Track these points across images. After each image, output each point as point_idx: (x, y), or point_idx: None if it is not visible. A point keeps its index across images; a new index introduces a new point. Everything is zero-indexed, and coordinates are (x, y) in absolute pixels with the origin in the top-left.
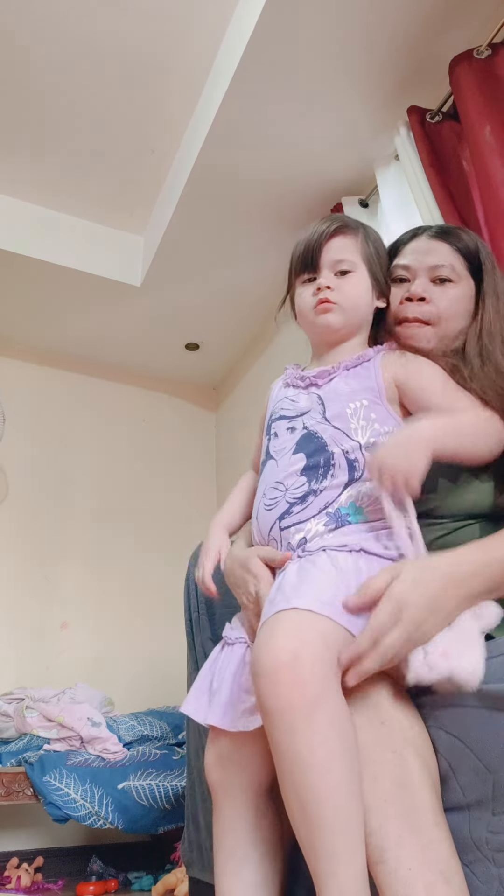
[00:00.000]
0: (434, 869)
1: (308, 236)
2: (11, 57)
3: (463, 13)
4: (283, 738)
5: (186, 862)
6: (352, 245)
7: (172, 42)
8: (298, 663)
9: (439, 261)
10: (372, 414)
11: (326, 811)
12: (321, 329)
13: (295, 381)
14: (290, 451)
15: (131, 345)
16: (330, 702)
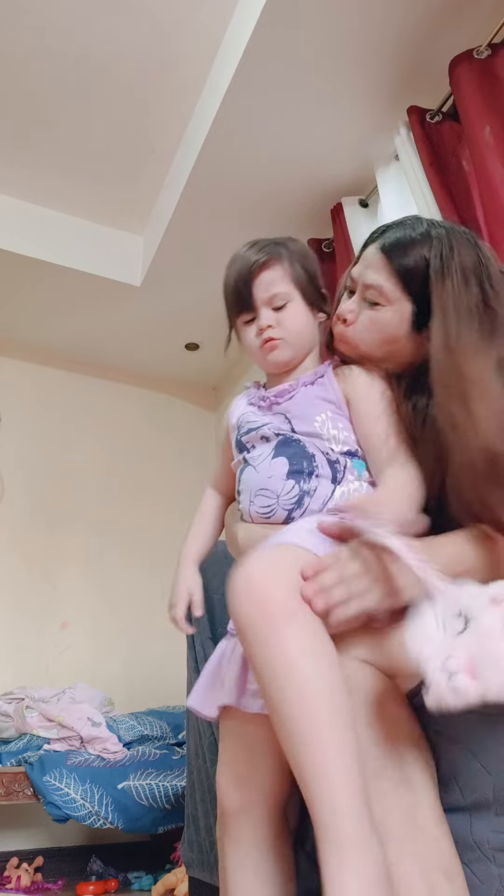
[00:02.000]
0: (436, 866)
1: (234, 277)
2: (11, 57)
3: (463, 13)
4: (256, 651)
5: (186, 862)
6: (279, 275)
7: (172, 42)
8: (265, 580)
9: (372, 280)
10: (339, 424)
11: (306, 716)
12: (272, 366)
13: (257, 402)
14: (269, 456)
15: (131, 345)
16: (297, 616)
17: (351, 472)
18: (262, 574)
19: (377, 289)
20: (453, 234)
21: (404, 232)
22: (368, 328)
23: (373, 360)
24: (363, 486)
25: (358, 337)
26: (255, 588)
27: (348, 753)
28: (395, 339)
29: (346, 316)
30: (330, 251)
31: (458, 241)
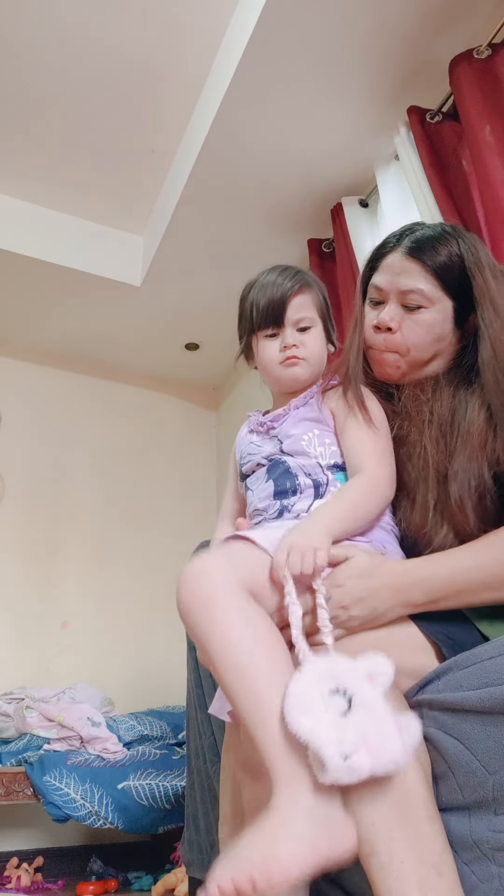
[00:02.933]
0: (427, 862)
1: (271, 292)
2: (12, 57)
3: (463, 13)
4: (195, 634)
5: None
6: (310, 302)
7: (172, 42)
8: (197, 576)
9: (410, 285)
10: (326, 440)
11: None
12: (289, 381)
13: (257, 428)
14: (262, 479)
15: (131, 345)
16: (222, 599)
17: (333, 485)
18: (197, 568)
19: (418, 293)
20: (466, 232)
21: (426, 233)
22: (417, 332)
23: (420, 365)
24: None
25: (410, 342)
26: (184, 583)
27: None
28: (443, 337)
29: (390, 324)
30: (330, 251)
31: (475, 239)
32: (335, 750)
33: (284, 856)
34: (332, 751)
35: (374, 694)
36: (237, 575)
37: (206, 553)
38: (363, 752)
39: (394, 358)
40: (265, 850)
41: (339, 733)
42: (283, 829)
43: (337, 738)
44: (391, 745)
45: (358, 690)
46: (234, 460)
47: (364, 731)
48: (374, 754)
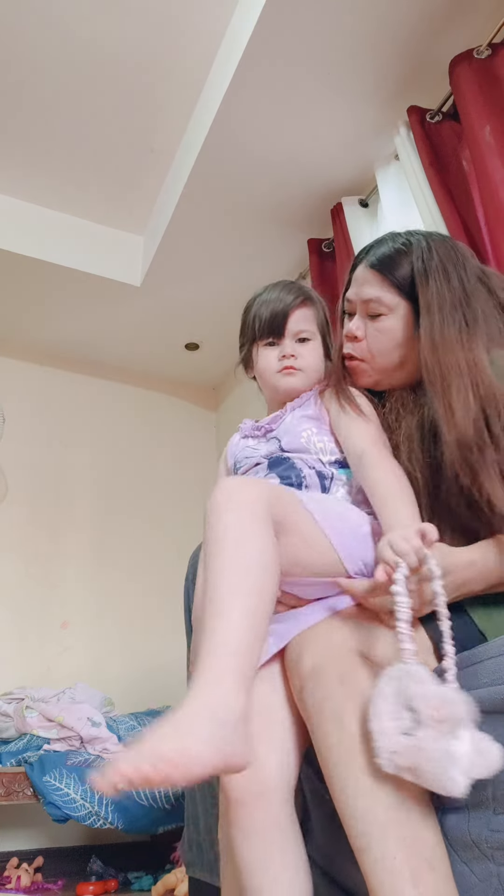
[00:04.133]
0: (420, 857)
1: (274, 305)
2: (11, 57)
3: (463, 13)
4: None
5: (186, 862)
6: (311, 316)
7: (172, 42)
8: (242, 486)
9: (370, 294)
10: (324, 437)
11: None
12: (285, 389)
13: (253, 433)
14: (262, 473)
15: (131, 345)
16: (245, 510)
17: (338, 480)
18: (225, 490)
19: (377, 300)
20: (430, 237)
21: (387, 246)
22: (379, 339)
23: (389, 372)
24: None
25: (373, 348)
26: (216, 494)
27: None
28: (404, 343)
29: (356, 333)
30: (330, 251)
31: (435, 242)
32: (387, 758)
33: (192, 752)
34: (385, 759)
35: (435, 735)
36: (270, 500)
37: (247, 479)
38: (409, 774)
39: (362, 366)
40: (175, 744)
41: (395, 747)
42: (194, 727)
43: (391, 749)
44: (442, 779)
45: (422, 720)
46: (225, 467)
47: (415, 761)
48: (422, 780)
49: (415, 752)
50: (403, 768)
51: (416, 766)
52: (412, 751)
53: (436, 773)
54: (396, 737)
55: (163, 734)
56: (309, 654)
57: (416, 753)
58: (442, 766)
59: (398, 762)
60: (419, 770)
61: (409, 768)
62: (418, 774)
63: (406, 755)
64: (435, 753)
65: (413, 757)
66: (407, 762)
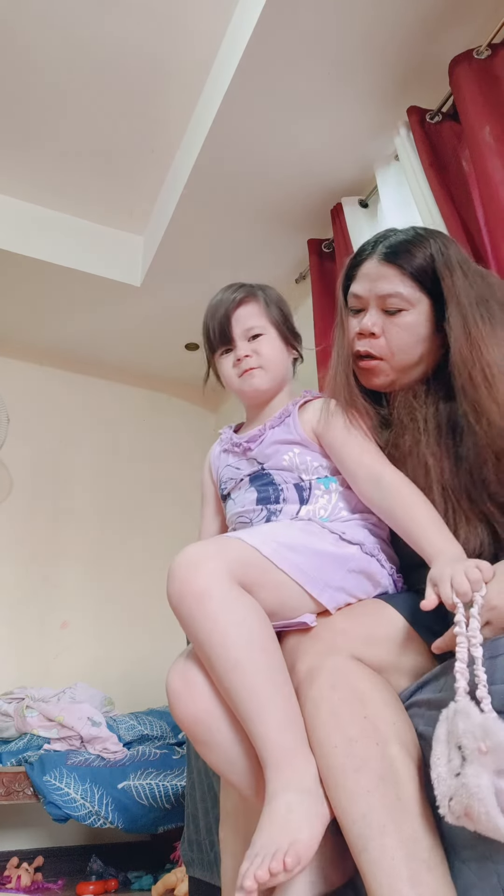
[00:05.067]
0: (417, 858)
1: (214, 312)
2: (11, 57)
3: (463, 13)
4: (187, 627)
5: (186, 861)
6: (256, 311)
7: (172, 42)
8: (190, 565)
9: (389, 289)
10: (307, 457)
11: (235, 678)
12: (250, 392)
13: (232, 448)
14: (245, 488)
15: (131, 345)
16: (217, 592)
17: (317, 489)
18: (188, 557)
19: (397, 296)
20: (437, 233)
21: (399, 238)
22: (400, 335)
23: (407, 369)
24: (331, 498)
25: (394, 345)
26: (180, 569)
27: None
28: (426, 338)
29: (373, 329)
30: (330, 251)
31: (446, 239)
32: (446, 805)
33: (304, 836)
34: (445, 806)
35: (477, 773)
36: (229, 566)
37: (197, 544)
38: (467, 819)
39: (381, 365)
40: (289, 837)
41: (451, 792)
42: (294, 813)
43: (448, 795)
44: (495, 821)
45: (469, 758)
46: (210, 480)
47: (467, 807)
48: (483, 828)
49: (463, 793)
50: (461, 815)
51: (468, 810)
52: (461, 791)
53: (486, 815)
54: (450, 780)
55: (272, 831)
56: (303, 661)
57: (464, 794)
58: (486, 806)
59: (454, 808)
60: (472, 813)
61: (466, 813)
62: (473, 819)
63: (459, 798)
64: (478, 791)
65: (464, 799)
66: (461, 806)
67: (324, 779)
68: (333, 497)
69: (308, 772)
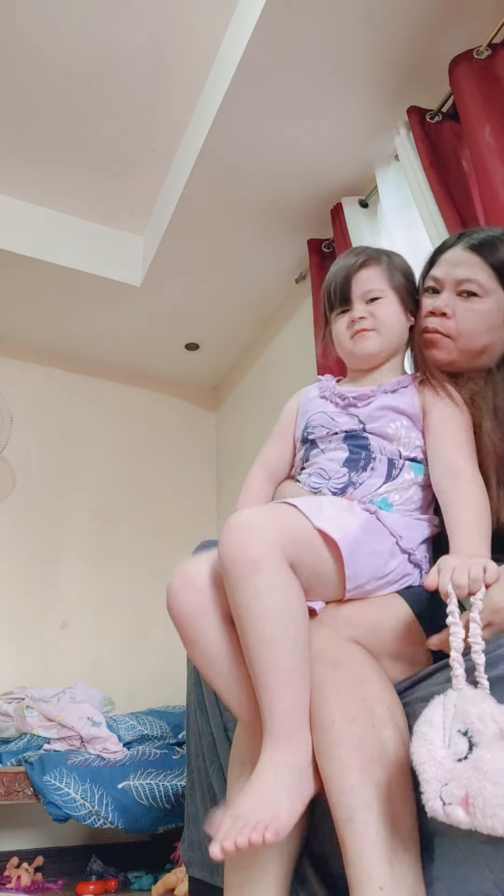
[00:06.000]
0: (398, 837)
1: (337, 271)
2: (11, 58)
3: (463, 13)
4: (231, 590)
5: (186, 861)
6: (378, 274)
7: (172, 42)
8: (247, 531)
9: (466, 275)
10: (412, 433)
11: (263, 652)
12: (361, 356)
13: (333, 398)
14: (336, 443)
15: (131, 345)
16: (268, 568)
17: (407, 472)
18: (248, 522)
19: (474, 281)
20: None
21: (486, 234)
22: (470, 318)
23: (470, 355)
24: (411, 488)
25: (462, 328)
26: (232, 535)
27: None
28: (495, 329)
29: (445, 310)
30: (330, 251)
31: None
32: (436, 792)
33: (284, 814)
34: (433, 792)
35: (496, 755)
36: (284, 543)
37: (262, 510)
38: (462, 808)
39: (446, 343)
40: (272, 812)
41: (447, 777)
42: (279, 789)
43: (443, 780)
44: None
45: (481, 743)
46: (292, 419)
47: (470, 788)
48: (475, 814)
49: (472, 777)
50: (455, 803)
51: (473, 793)
52: (469, 775)
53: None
54: (450, 763)
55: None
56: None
57: (474, 778)
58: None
59: (450, 793)
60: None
61: (464, 799)
62: (474, 806)
63: (461, 782)
64: (497, 774)
65: (471, 782)
66: (461, 790)
67: (318, 750)
68: (413, 488)
69: (303, 751)
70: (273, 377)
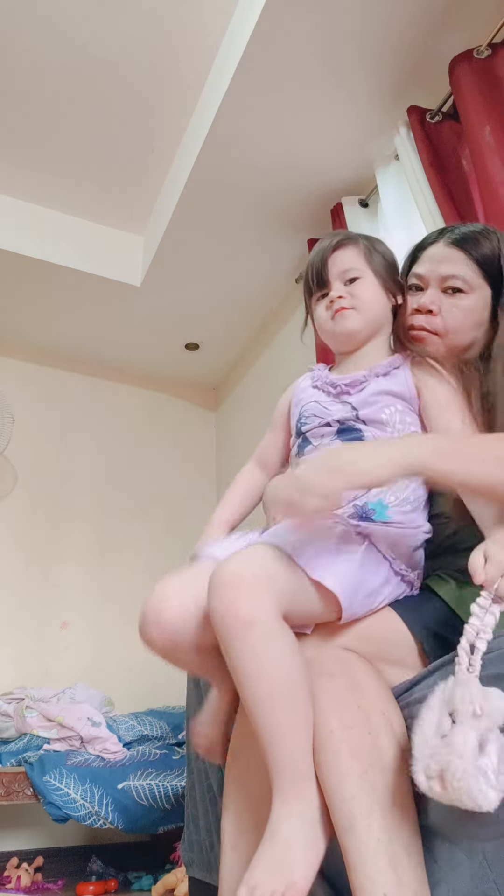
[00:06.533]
0: (399, 842)
1: (313, 256)
2: (12, 58)
3: (463, 13)
4: (224, 648)
5: (186, 862)
6: (354, 254)
7: (172, 42)
8: (237, 587)
9: (451, 271)
10: (407, 418)
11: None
12: (342, 335)
13: (325, 387)
14: (329, 437)
15: (131, 345)
16: (261, 625)
17: None
18: (237, 576)
19: (460, 277)
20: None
21: (469, 229)
22: (456, 315)
23: (456, 350)
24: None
25: (449, 324)
26: (222, 592)
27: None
28: (481, 324)
29: (431, 307)
30: None
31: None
32: (422, 766)
33: (299, 878)
34: (419, 766)
35: (465, 732)
36: (277, 597)
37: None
38: (440, 782)
39: (432, 340)
40: (286, 879)
41: (431, 753)
42: (292, 849)
43: (429, 753)
44: (471, 790)
45: (459, 722)
46: (287, 411)
47: (446, 766)
48: (451, 789)
49: (445, 752)
50: (434, 776)
51: (445, 767)
52: (443, 750)
53: (462, 772)
54: (434, 741)
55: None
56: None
57: (446, 752)
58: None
59: (430, 768)
60: (446, 771)
61: (440, 774)
62: (446, 781)
63: (439, 758)
64: (462, 748)
65: (444, 757)
66: (438, 765)
67: (317, 760)
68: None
69: (312, 800)
70: (273, 377)
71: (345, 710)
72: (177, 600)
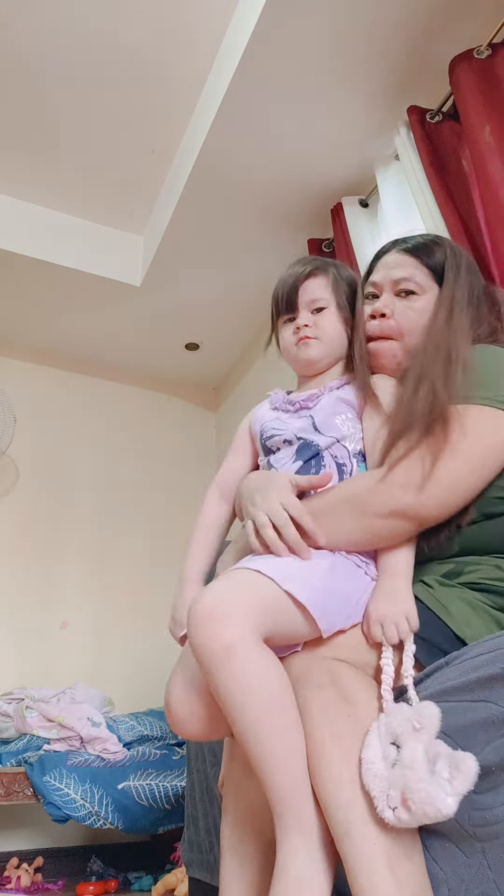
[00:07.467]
0: (398, 846)
1: (285, 279)
2: (12, 58)
3: (463, 13)
4: (208, 679)
5: (186, 862)
6: (323, 284)
7: (172, 42)
8: (215, 619)
9: (403, 274)
10: (356, 425)
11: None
12: (304, 361)
13: (284, 406)
14: (289, 458)
15: (131, 345)
16: (241, 652)
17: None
18: (214, 607)
19: (411, 279)
20: (453, 244)
21: (421, 238)
22: (410, 316)
23: None
24: None
25: (403, 326)
26: (202, 620)
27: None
28: None
29: (384, 311)
30: (330, 251)
31: (460, 248)
32: (384, 803)
33: None
34: (382, 803)
35: (413, 747)
36: (255, 620)
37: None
38: (404, 808)
39: (389, 346)
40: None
41: (388, 785)
42: (304, 888)
43: (386, 789)
44: (432, 799)
45: (403, 743)
46: (246, 435)
47: (404, 787)
48: (416, 809)
49: (399, 774)
50: (400, 806)
51: (405, 790)
52: (397, 773)
53: (419, 783)
54: (387, 772)
55: None
56: (292, 665)
57: (399, 774)
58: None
59: (392, 798)
60: (407, 791)
61: (403, 798)
62: (409, 800)
63: (395, 783)
64: (413, 762)
65: (400, 780)
66: (397, 791)
67: (311, 771)
68: None
69: (315, 829)
70: (273, 377)
71: (335, 720)
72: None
